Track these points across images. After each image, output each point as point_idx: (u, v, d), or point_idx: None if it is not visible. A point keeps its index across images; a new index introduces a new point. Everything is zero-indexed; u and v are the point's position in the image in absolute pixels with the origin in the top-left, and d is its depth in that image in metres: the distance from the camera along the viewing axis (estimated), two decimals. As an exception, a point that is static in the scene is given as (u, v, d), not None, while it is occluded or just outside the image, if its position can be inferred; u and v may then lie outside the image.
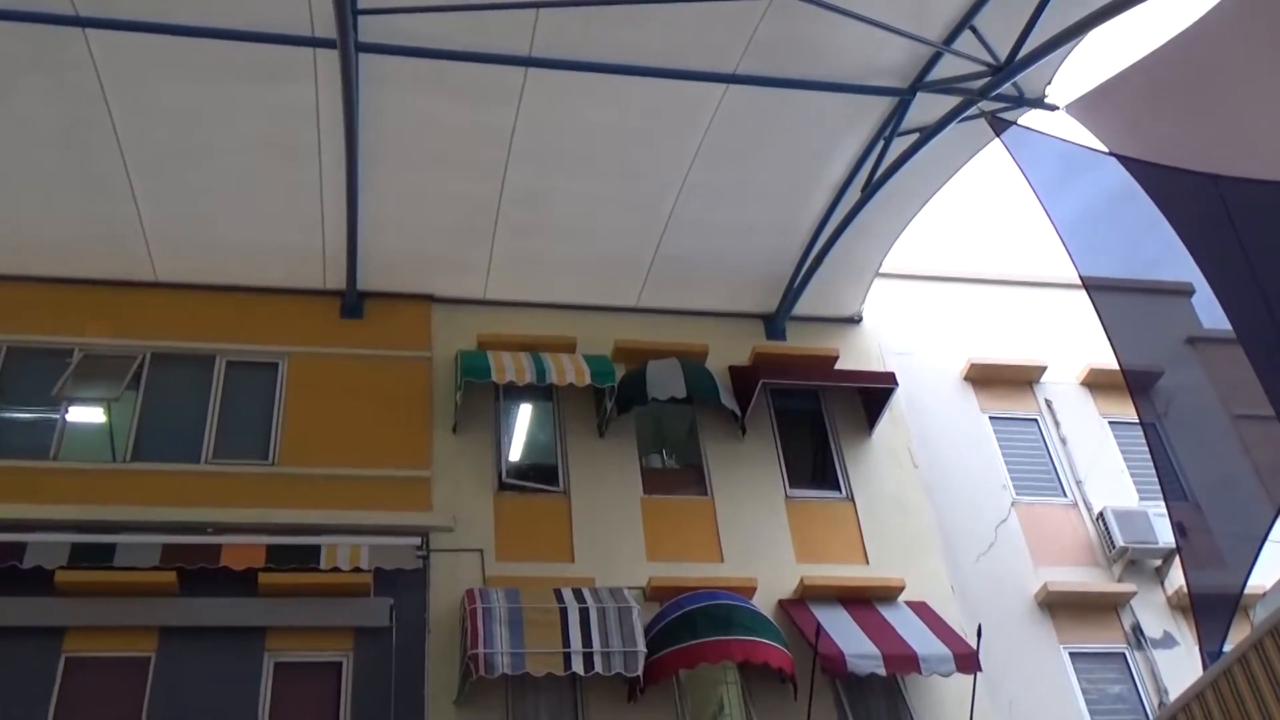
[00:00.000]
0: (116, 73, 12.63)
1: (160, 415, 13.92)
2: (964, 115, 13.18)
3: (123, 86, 12.77)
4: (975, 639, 12.72)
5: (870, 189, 14.50)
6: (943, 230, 30.01)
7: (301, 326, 14.89)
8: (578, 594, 12.68)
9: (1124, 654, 14.64)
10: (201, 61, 12.43)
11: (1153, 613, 14.98)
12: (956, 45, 12.58)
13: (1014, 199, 33.56)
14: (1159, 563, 15.28)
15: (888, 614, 13.64)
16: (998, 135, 12.31)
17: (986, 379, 16.95)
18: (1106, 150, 10.97)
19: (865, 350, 16.59)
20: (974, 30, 12.39)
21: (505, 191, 14.41)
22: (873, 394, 15.67)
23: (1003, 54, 12.27)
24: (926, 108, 13.53)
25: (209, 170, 13.78)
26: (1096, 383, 16.95)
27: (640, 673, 12.17)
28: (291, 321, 14.90)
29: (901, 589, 14.00)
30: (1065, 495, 15.99)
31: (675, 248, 15.49)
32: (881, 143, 14.12)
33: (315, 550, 12.60)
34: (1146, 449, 11.32)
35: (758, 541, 14.30)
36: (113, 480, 13.17)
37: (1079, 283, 11.19)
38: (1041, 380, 17.08)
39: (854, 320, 16.92)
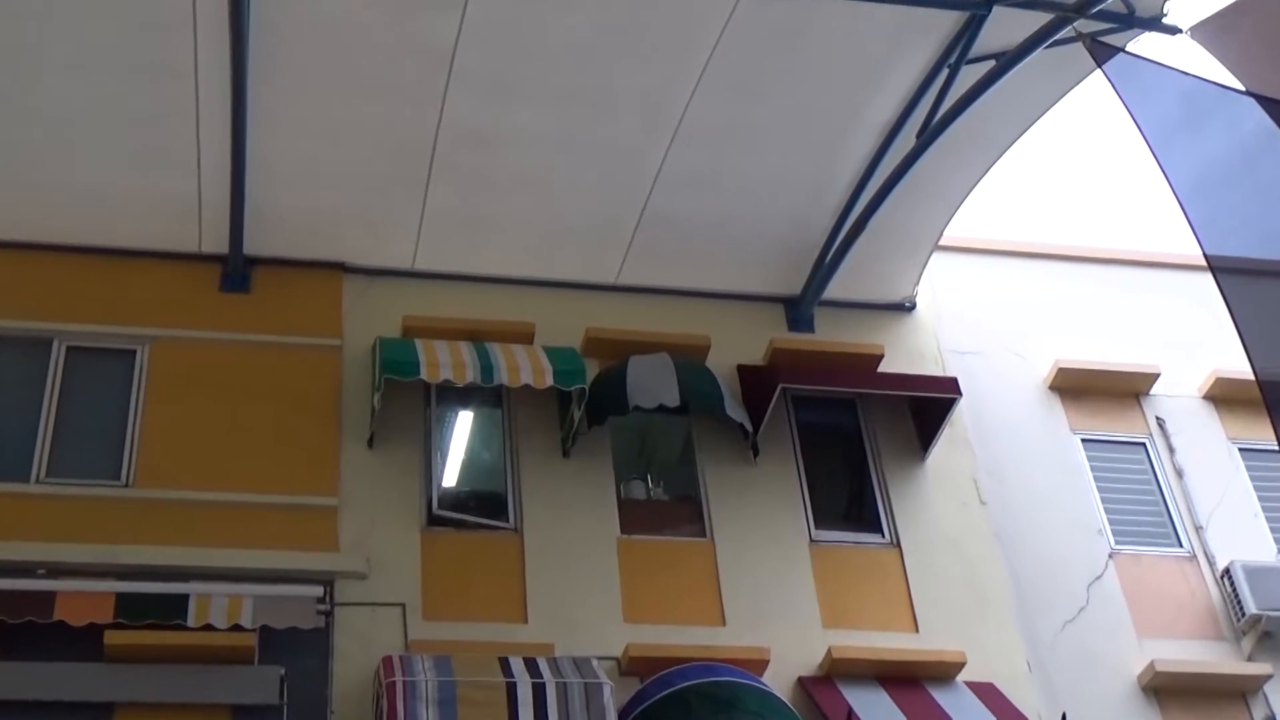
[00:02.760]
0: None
1: (-23, 418, 13.90)
2: (1055, 38, 13.21)
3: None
4: (1058, 733, 12.79)
5: (929, 134, 14.52)
6: (1024, 191, 30.08)
7: (168, 302, 14.87)
8: (531, 665, 12.67)
9: (1254, 755, 14.77)
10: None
11: (1292, 702, 15.08)
12: (1047, -56, 12.63)
13: (1119, 150, 33.62)
14: (1302, 636, 15.39)
15: (942, 698, 13.69)
16: (1099, 65, 12.34)
17: (1079, 389, 17.02)
18: (1243, 89, 10.98)
19: (919, 347, 16.67)
20: (1070, -75, 12.45)
21: (443, 128, 14.41)
22: (928, 406, 15.72)
23: (1108, -43, 12.33)
24: (1005, 27, 13.54)
25: (48, 92, 13.70)
26: (1224, 396, 17.05)
27: (612, 771, 12.20)
28: (155, 295, 14.89)
29: (961, 665, 14.06)
30: (1180, 545, 16.06)
31: (668, 208, 15.53)
32: (945, 72, 14.15)
33: (182, 601, 12.56)
34: (1288, 485, 11.39)
35: (772, 599, 14.34)
36: (-89, 504, 13.13)
37: (1203, 263, 11.21)
38: (1152, 392, 17.16)
39: (905, 307, 17.01)
